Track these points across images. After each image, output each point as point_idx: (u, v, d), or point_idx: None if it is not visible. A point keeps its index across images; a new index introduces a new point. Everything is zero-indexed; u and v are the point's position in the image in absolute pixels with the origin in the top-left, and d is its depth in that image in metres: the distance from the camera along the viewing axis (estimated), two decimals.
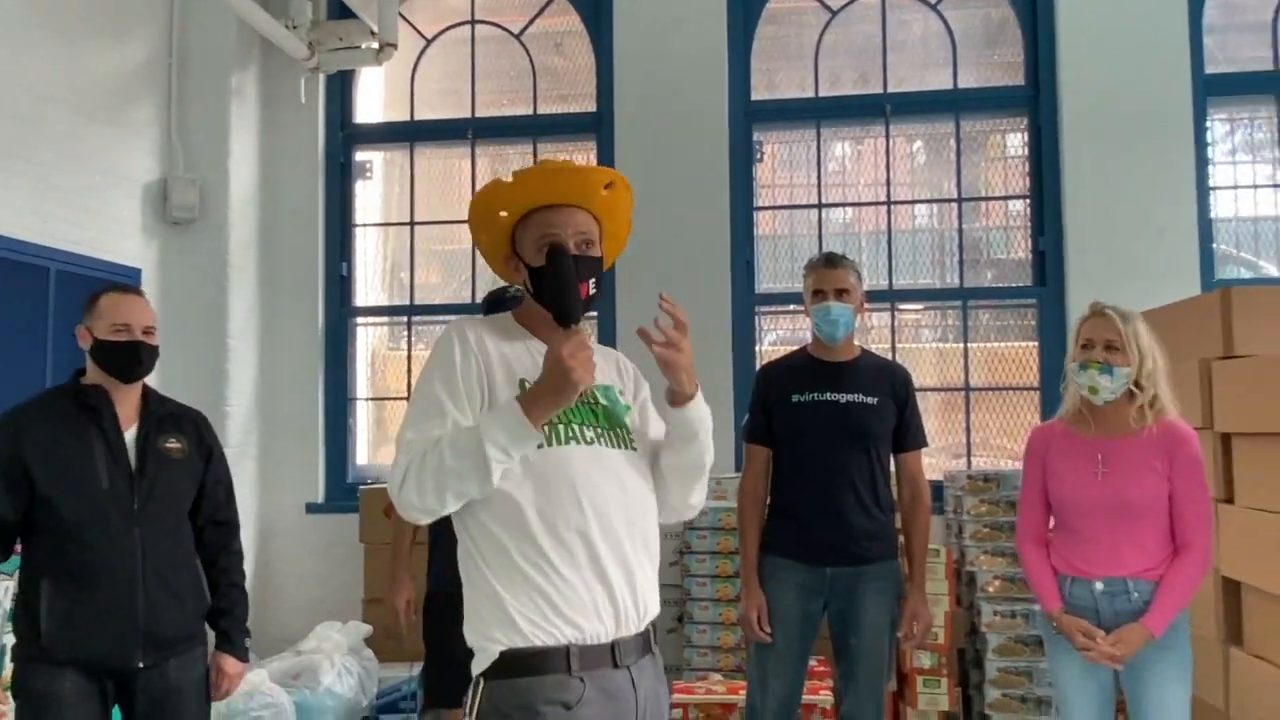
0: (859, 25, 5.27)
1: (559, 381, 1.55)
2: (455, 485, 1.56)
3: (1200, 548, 2.36)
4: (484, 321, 1.79)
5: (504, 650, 1.58)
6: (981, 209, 5.26)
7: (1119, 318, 2.45)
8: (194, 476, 2.42)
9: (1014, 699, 4.19)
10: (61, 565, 2.22)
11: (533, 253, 1.72)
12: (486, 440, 1.53)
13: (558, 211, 1.72)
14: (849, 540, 2.76)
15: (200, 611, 2.42)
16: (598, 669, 1.60)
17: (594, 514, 1.62)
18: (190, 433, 2.44)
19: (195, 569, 2.43)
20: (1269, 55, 5.01)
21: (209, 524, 2.47)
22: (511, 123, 5.45)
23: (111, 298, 2.38)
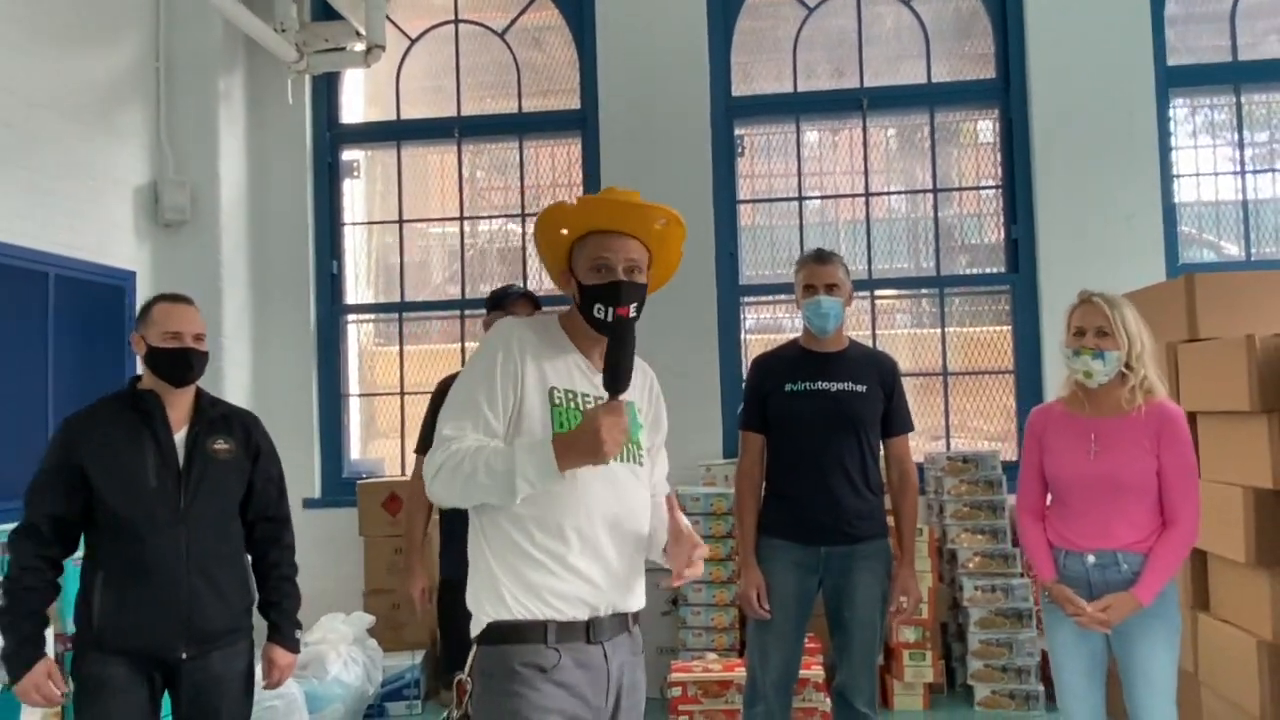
0: (835, 20, 5.42)
1: (591, 448, 1.70)
2: (481, 496, 1.77)
3: (1186, 522, 2.51)
4: (530, 325, 1.92)
5: (491, 621, 1.81)
6: (956, 198, 5.44)
7: (1107, 304, 2.59)
8: (242, 475, 2.52)
9: (995, 669, 4.39)
10: (113, 559, 2.33)
11: (585, 270, 1.87)
12: (518, 473, 1.71)
13: (613, 238, 1.86)
14: (842, 521, 2.91)
15: (245, 606, 2.52)
16: (572, 642, 1.80)
17: (588, 516, 1.82)
18: (239, 433, 2.54)
19: (242, 565, 2.53)
20: (1228, 45, 5.22)
21: (260, 519, 2.58)
22: (497, 121, 5.54)
23: (164, 307, 2.48)
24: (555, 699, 1.78)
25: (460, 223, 5.55)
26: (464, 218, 5.56)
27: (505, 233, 5.65)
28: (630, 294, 1.85)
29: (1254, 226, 5.20)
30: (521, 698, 1.76)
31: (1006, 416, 5.33)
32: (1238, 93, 5.20)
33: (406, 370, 5.54)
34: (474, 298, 5.51)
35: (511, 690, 1.76)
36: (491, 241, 5.67)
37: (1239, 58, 5.19)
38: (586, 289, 1.86)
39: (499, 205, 5.72)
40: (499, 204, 5.72)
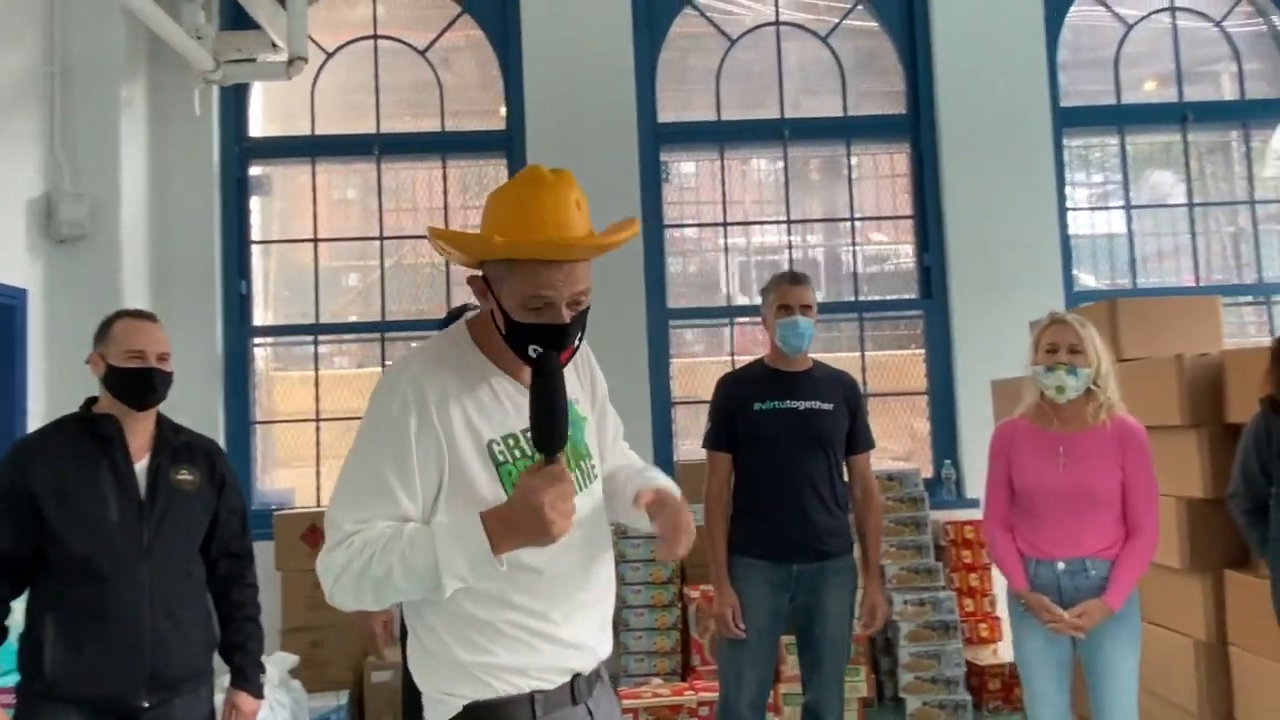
0: (756, 52, 5.57)
1: (534, 532, 1.39)
2: (398, 597, 1.47)
3: (1149, 531, 2.67)
4: (437, 359, 1.55)
5: (468, 704, 1.53)
6: (873, 226, 5.65)
7: (1078, 324, 2.74)
8: (207, 508, 2.35)
9: (925, 681, 4.52)
10: (68, 600, 2.13)
11: (517, 302, 1.48)
12: (445, 570, 1.39)
13: (557, 268, 1.46)
14: (813, 537, 2.96)
15: (208, 648, 2.34)
16: (559, 709, 1.58)
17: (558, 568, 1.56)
18: (203, 463, 2.37)
19: (205, 604, 2.35)
20: (1112, 90, 5.66)
21: (223, 555, 2.40)
22: (419, 139, 5.41)
23: (125, 323, 2.31)
24: None
25: (380, 242, 5.38)
26: (384, 237, 5.38)
27: (418, 252, 5.50)
28: (574, 332, 1.51)
29: (1138, 257, 5.64)
30: None
31: (913, 437, 5.55)
32: (1122, 133, 5.64)
33: (303, 396, 5.30)
34: (394, 319, 5.34)
35: None
36: (405, 261, 5.52)
37: (1122, 101, 5.64)
38: (518, 326, 1.49)
39: (418, 225, 5.56)
40: (418, 224, 5.57)
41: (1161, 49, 5.72)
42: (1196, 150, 5.74)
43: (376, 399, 1.55)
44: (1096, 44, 5.68)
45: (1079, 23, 5.66)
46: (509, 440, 1.54)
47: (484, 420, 1.53)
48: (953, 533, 4.84)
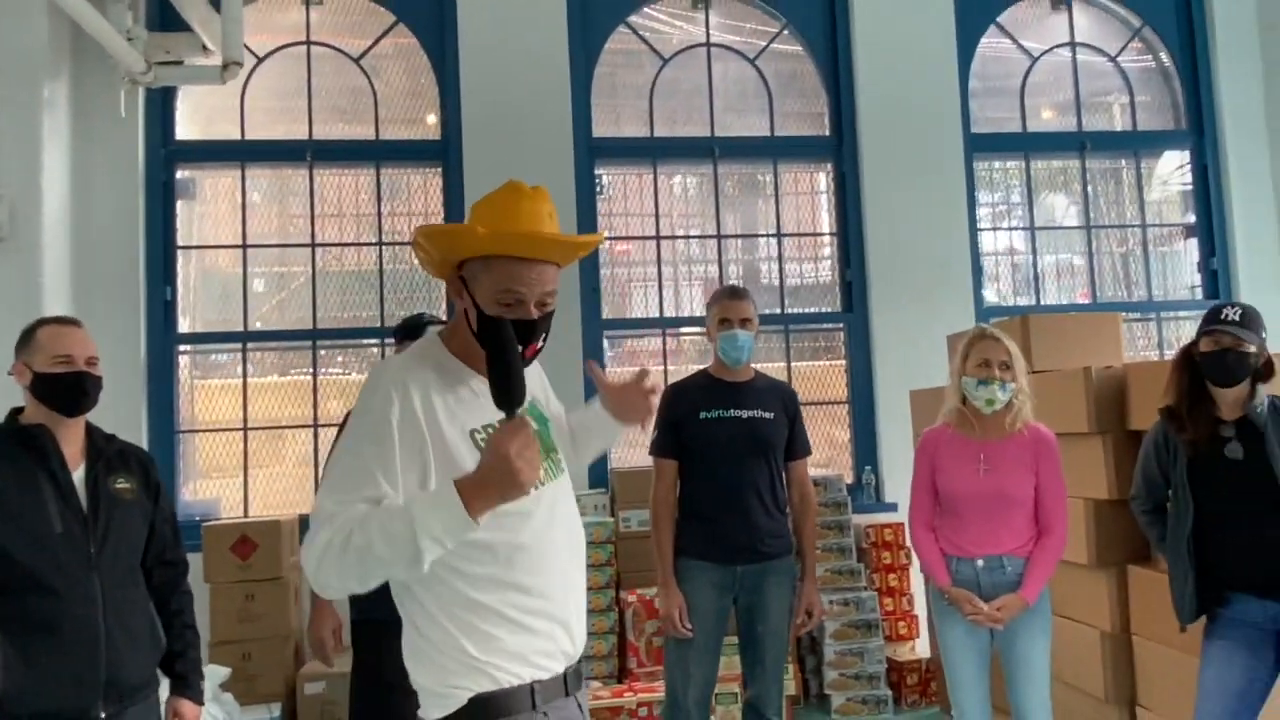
0: (686, 71, 5.74)
1: (505, 483, 1.44)
2: (381, 571, 1.49)
3: (1060, 530, 2.89)
4: (419, 362, 1.65)
5: (473, 696, 1.59)
6: (797, 243, 5.88)
7: (1006, 340, 2.95)
8: (145, 517, 2.34)
9: (849, 677, 4.73)
10: (17, 616, 2.09)
11: (490, 298, 1.61)
12: (421, 532, 1.42)
13: (528, 267, 1.60)
14: (756, 540, 3.10)
15: (157, 656, 2.33)
16: (555, 700, 1.67)
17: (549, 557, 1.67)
18: (138, 472, 2.35)
19: (150, 613, 2.33)
20: (1018, 118, 6.03)
21: (158, 564, 2.38)
22: (353, 147, 5.39)
23: (51, 329, 2.27)
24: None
25: (312, 249, 5.33)
26: (316, 245, 5.34)
27: (358, 259, 5.48)
28: (542, 328, 1.66)
29: (1040, 274, 6.01)
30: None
31: (831, 444, 5.78)
32: (1027, 159, 6.01)
33: (223, 404, 5.21)
34: (327, 327, 5.30)
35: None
36: (331, 269, 5.49)
37: (1027, 129, 6.01)
38: (485, 318, 1.62)
39: (351, 232, 5.54)
40: (351, 231, 5.54)
41: (1062, 80, 6.12)
42: (1092, 175, 6.16)
43: (363, 396, 1.63)
44: (1003, 74, 6.04)
45: (988, 54, 6.01)
46: (489, 429, 1.63)
47: (464, 411, 1.64)
48: (873, 535, 5.07)
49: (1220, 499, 2.64)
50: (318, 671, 4.44)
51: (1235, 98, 5.99)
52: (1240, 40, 6.01)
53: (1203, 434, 2.67)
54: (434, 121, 5.45)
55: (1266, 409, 2.59)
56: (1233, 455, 2.62)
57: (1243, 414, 2.62)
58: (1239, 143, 5.97)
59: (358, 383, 5.36)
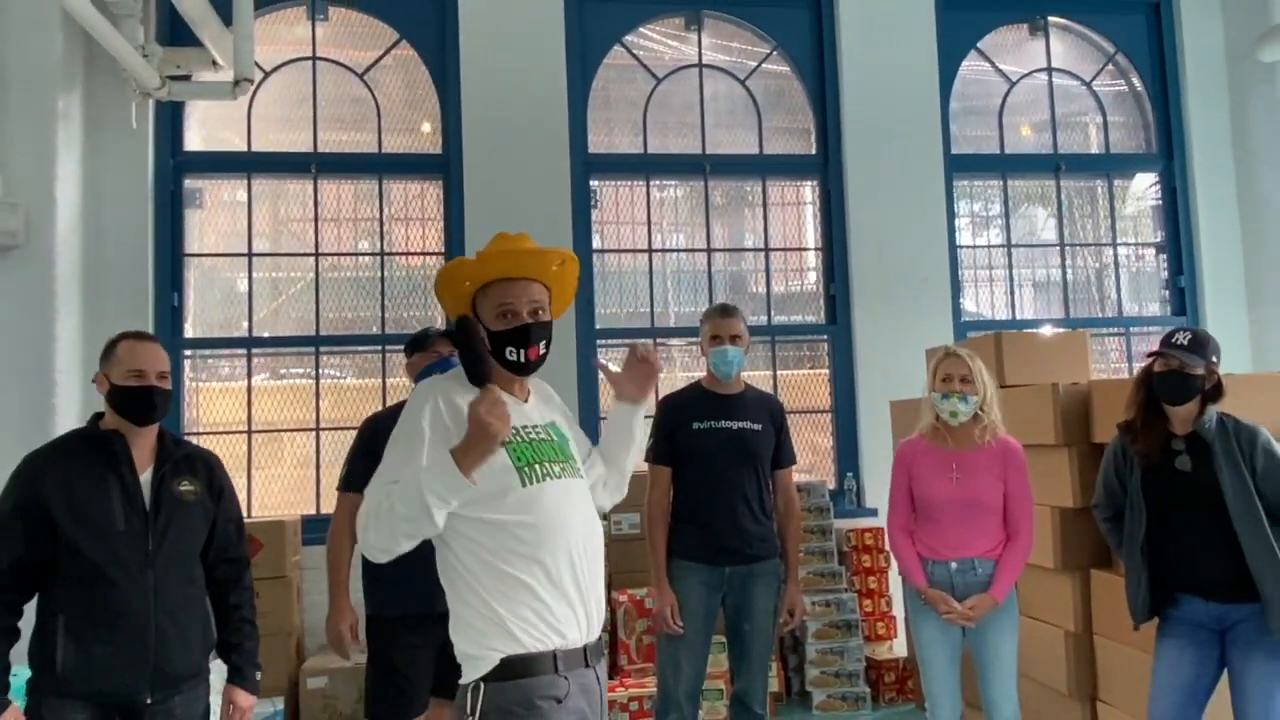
0: (678, 87, 5.95)
1: (479, 435, 1.75)
2: (406, 528, 1.79)
3: (1026, 535, 3.10)
4: (450, 380, 1.98)
5: (504, 657, 1.82)
6: (784, 256, 6.09)
7: (968, 357, 3.16)
8: (207, 517, 2.50)
9: (829, 675, 4.95)
10: (77, 603, 2.27)
11: (492, 318, 1.96)
12: (426, 490, 1.75)
13: (515, 284, 1.96)
14: (744, 543, 3.30)
15: (207, 649, 2.50)
16: (576, 669, 1.88)
17: (568, 540, 1.90)
18: (202, 474, 2.52)
19: (204, 608, 2.50)
20: (996, 138, 6.28)
21: (220, 561, 2.55)
22: (356, 160, 5.57)
23: (128, 344, 2.44)
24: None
25: (315, 259, 5.50)
26: (319, 254, 5.51)
27: (358, 267, 5.65)
28: (538, 334, 1.96)
29: (1016, 289, 6.26)
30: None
31: (814, 451, 5.99)
32: (1004, 179, 6.26)
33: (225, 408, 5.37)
34: (330, 334, 5.47)
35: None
36: (347, 276, 5.66)
37: (1005, 150, 6.26)
38: (496, 335, 1.95)
39: (353, 243, 5.71)
40: (352, 241, 5.72)
41: (1039, 103, 6.37)
42: (1067, 195, 6.41)
43: (409, 407, 1.98)
44: (983, 95, 6.28)
45: (968, 76, 6.25)
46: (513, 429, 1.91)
47: None
48: (854, 539, 5.30)
49: (1170, 508, 2.85)
50: (320, 667, 4.62)
51: (1203, 123, 6.25)
52: (1208, 69, 6.28)
53: (1155, 447, 2.88)
54: (435, 134, 5.63)
55: (1214, 425, 2.80)
56: (1182, 468, 2.83)
57: (1193, 430, 2.83)
58: (1206, 166, 6.23)
59: (357, 386, 5.54)
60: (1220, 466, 2.75)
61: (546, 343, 1.99)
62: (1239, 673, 2.73)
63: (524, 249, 1.98)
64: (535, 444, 1.96)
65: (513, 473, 1.89)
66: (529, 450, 1.94)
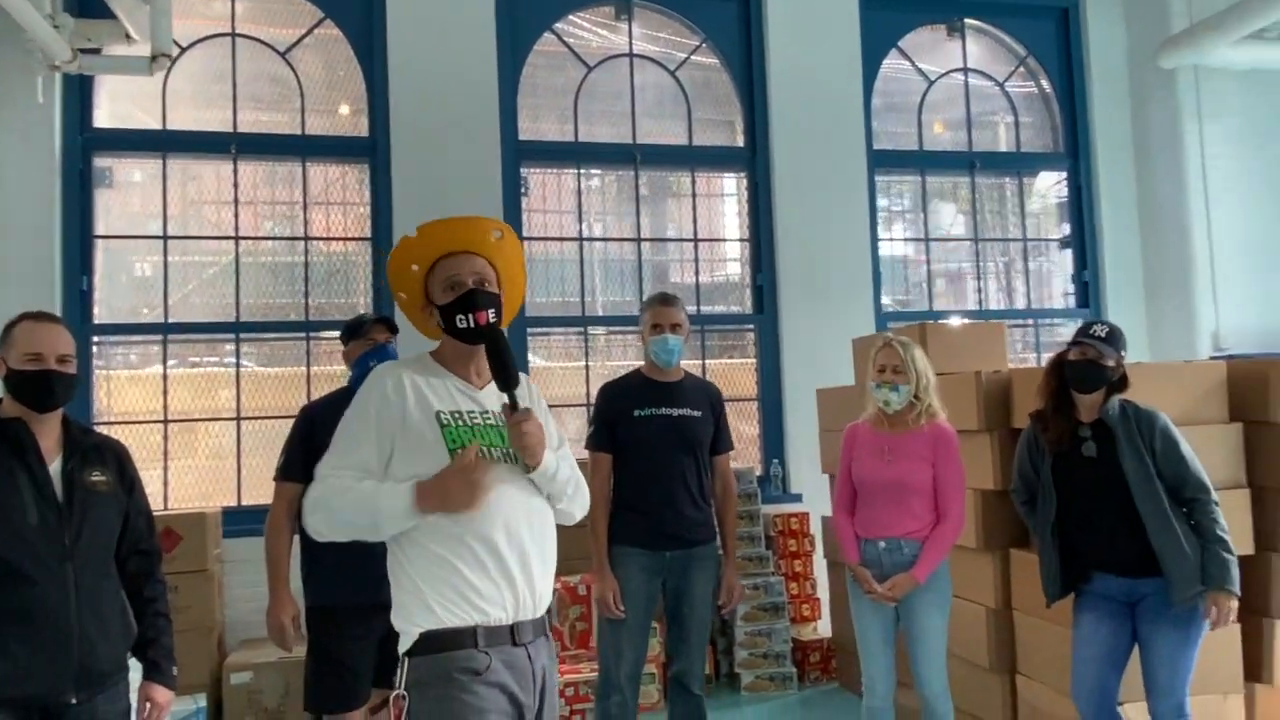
0: (610, 78, 5.96)
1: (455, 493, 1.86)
2: (350, 531, 1.93)
3: (955, 517, 3.22)
4: (405, 363, 2.06)
5: (424, 632, 1.88)
6: (712, 246, 6.18)
7: (900, 348, 3.26)
8: (120, 508, 2.40)
9: (757, 656, 5.06)
10: None
11: (441, 294, 2.01)
12: (382, 514, 1.87)
13: (458, 258, 2.02)
14: (683, 528, 3.35)
15: (128, 644, 2.40)
16: (500, 645, 1.90)
17: (500, 522, 1.92)
18: (113, 464, 2.42)
19: (123, 601, 2.40)
20: (915, 134, 6.48)
21: (133, 553, 2.45)
22: (278, 141, 5.41)
23: (26, 326, 2.31)
24: (491, 700, 1.87)
25: (235, 242, 5.33)
26: (239, 237, 5.34)
27: (279, 252, 5.50)
28: (485, 300, 1.99)
29: (933, 281, 6.48)
30: (460, 701, 1.85)
31: (739, 439, 6.08)
32: (923, 174, 6.47)
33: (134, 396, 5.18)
34: (251, 320, 5.32)
35: (450, 695, 1.85)
36: (269, 261, 5.50)
37: (923, 147, 6.47)
38: (445, 308, 2.00)
39: (274, 227, 5.55)
40: (273, 225, 5.56)
41: (955, 102, 6.60)
42: (979, 191, 6.67)
43: (364, 388, 2.03)
44: (903, 93, 6.48)
45: (890, 74, 6.44)
46: (454, 414, 1.99)
47: (436, 399, 2.00)
48: (780, 524, 5.42)
49: (1079, 492, 3.02)
50: (244, 662, 4.51)
51: (1106, 125, 6.58)
52: (1112, 73, 6.61)
53: (1064, 435, 3.04)
54: (360, 116, 5.51)
55: (1117, 412, 2.98)
56: (1089, 454, 3.00)
57: (1098, 417, 3.01)
58: (1108, 166, 6.57)
59: (279, 375, 5.40)
60: (1123, 451, 2.92)
61: (496, 311, 2.01)
62: (1148, 642, 2.92)
63: (457, 217, 2.05)
64: (475, 428, 1.98)
65: (445, 453, 1.92)
66: (467, 433, 1.96)
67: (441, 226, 2.04)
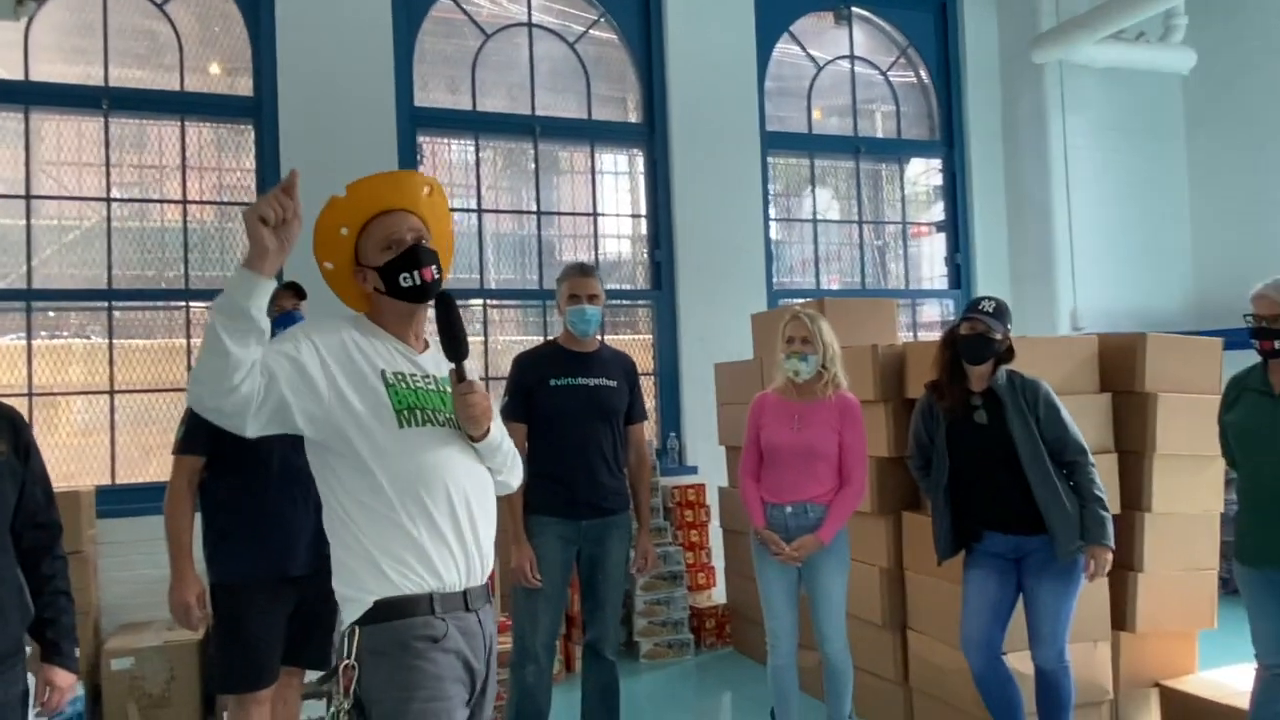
0: (508, 48, 5.88)
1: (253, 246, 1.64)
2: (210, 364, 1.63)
3: (858, 482, 3.39)
4: (338, 321, 1.95)
5: (378, 599, 1.80)
6: (612, 222, 6.20)
7: (808, 320, 3.39)
8: (15, 480, 2.23)
9: (656, 624, 5.17)
10: None
11: (378, 254, 1.91)
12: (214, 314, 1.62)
13: (392, 216, 1.93)
14: (599, 497, 3.38)
15: (25, 624, 2.24)
16: (455, 611, 1.85)
17: (449, 484, 1.87)
18: (6, 432, 2.24)
19: (17, 579, 2.24)
20: (805, 119, 6.68)
21: (29, 527, 2.29)
22: (155, 97, 5.09)
23: None
24: (449, 667, 1.83)
25: (107, 204, 4.99)
26: (111, 199, 5.01)
27: (150, 215, 5.18)
28: (427, 256, 1.92)
29: (820, 262, 6.72)
30: (419, 670, 1.79)
31: None
32: (811, 158, 6.68)
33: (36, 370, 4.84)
34: (124, 288, 5.00)
35: (408, 664, 1.79)
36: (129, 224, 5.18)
37: (812, 130, 6.67)
38: (385, 267, 1.91)
39: (152, 188, 5.23)
40: (152, 186, 5.23)
41: (841, 88, 6.83)
42: (863, 175, 6.94)
43: (303, 324, 1.94)
44: (793, 77, 6.66)
45: (781, 59, 6.60)
46: (397, 374, 1.92)
47: (379, 358, 1.92)
48: (678, 495, 5.53)
49: (971, 456, 3.23)
50: (124, 647, 4.28)
51: (979, 115, 6.96)
52: (985, 67, 6.99)
53: (957, 402, 3.25)
54: (245, 75, 5.25)
55: (1005, 382, 3.20)
56: (980, 420, 3.22)
57: (988, 387, 3.22)
58: (980, 156, 6.95)
59: (157, 347, 5.12)
60: (1011, 418, 3.14)
61: (438, 268, 1.94)
62: (1033, 594, 3.16)
63: (387, 173, 1.98)
64: (419, 391, 1.92)
65: (390, 414, 1.85)
66: (411, 395, 1.90)
67: (373, 184, 1.94)
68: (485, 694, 1.95)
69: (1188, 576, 3.78)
